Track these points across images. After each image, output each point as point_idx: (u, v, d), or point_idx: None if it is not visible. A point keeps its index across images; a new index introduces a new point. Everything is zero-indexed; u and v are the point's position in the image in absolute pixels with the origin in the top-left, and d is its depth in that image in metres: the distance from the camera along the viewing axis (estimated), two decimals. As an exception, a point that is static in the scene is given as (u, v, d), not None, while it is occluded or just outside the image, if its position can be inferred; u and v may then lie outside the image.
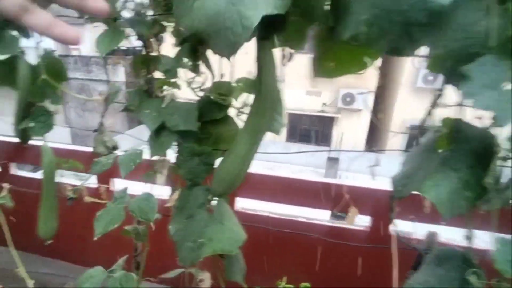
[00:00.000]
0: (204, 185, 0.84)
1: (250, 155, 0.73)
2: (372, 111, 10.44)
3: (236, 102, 0.79)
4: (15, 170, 2.47)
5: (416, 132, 0.72)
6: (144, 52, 0.82)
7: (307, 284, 0.78)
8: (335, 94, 10.06)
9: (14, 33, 0.82)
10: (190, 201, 0.82)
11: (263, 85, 0.65)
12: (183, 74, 0.84)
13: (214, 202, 0.82)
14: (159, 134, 0.76)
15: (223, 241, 0.74)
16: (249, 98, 0.81)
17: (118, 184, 2.47)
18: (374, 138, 10.59)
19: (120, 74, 11.70)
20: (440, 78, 0.52)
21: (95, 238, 0.71)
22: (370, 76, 9.67)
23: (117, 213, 0.74)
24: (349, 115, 10.36)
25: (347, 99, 9.88)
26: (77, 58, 11.69)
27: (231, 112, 0.81)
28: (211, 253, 0.72)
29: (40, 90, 0.93)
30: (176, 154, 0.80)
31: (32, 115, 0.90)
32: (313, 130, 10.87)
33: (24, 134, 0.94)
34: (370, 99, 10.10)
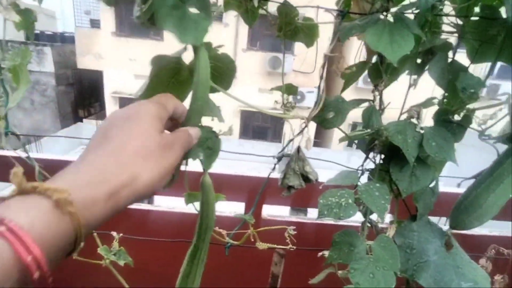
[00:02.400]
0: (426, 217, 0.72)
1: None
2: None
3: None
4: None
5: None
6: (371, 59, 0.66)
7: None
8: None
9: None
10: (415, 236, 0.70)
11: None
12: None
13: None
14: (408, 166, 0.63)
15: (483, 282, 0.65)
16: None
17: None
18: (322, 134, 11.14)
19: (47, 64, 10.20)
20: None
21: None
22: (317, 76, 10.09)
23: (384, 276, 0.59)
24: (300, 112, 10.71)
25: (298, 97, 10.17)
26: (-8, 44, 9.89)
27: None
28: (490, 302, 0.62)
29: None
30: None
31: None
32: (265, 127, 10.96)
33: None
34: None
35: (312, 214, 3.00)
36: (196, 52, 0.57)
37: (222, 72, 0.73)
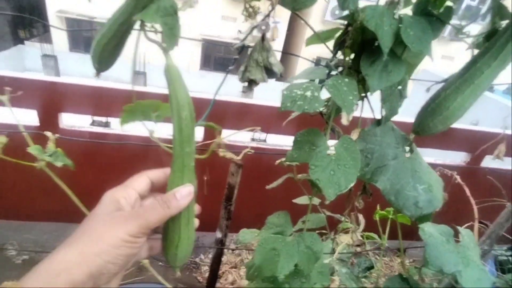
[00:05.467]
0: (390, 123, 0.70)
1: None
2: (284, 41, 10.58)
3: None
4: None
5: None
6: None
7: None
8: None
9: None
10: (377, 141, 0.68)
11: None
12: None
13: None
14: (380, 60, 0.57)
15: (437, 185, 0.66)
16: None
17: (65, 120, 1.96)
18: (286, 67, 11.00)
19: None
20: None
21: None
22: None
23: (345, 173, 0.56)
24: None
25: (262, 27, 9.70)
26: None
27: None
28: (442, 203, 0.63)
29: None
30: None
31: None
32: (228, 58, 10.51)
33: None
34: (284, 29, 10.15)
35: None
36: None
37: None
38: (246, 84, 0.62)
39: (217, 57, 10.33)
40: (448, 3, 0.60)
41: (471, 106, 0.62)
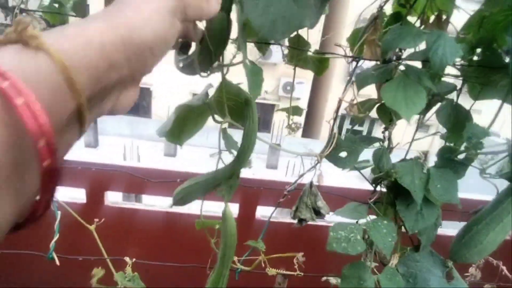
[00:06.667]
0: (428, 248, 0.76)
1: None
2: (309, 100, 10.96)
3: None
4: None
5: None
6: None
7: None
8: (276, 82, 10.29)
9: None
10: (417, 266, 0.74)
11: None
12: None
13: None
14: (414, 204, 0.66)
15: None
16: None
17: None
18: (310, 125, 11.25)
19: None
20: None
21: None
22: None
23: None
24: (289, 103, 10.74)
25: (287, 88, 10.18)
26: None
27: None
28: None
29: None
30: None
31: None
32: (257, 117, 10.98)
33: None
34: (308, 88, 10.60)
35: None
36: (248, 104, 0.59)
37: (241, 106, 0.74)
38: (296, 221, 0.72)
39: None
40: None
41: (503, 240, 0.68)
